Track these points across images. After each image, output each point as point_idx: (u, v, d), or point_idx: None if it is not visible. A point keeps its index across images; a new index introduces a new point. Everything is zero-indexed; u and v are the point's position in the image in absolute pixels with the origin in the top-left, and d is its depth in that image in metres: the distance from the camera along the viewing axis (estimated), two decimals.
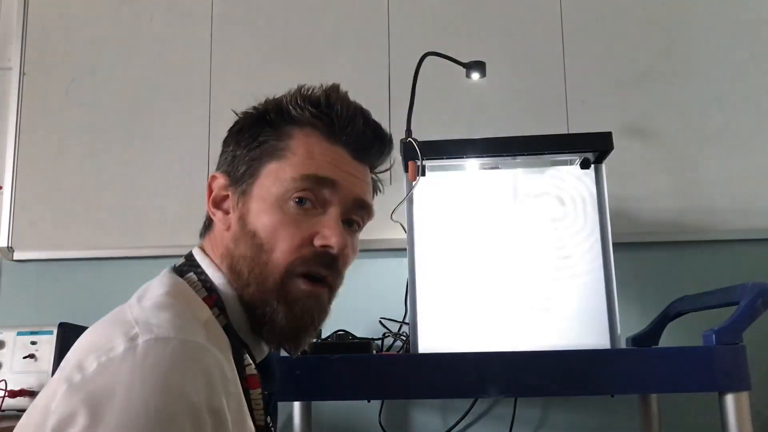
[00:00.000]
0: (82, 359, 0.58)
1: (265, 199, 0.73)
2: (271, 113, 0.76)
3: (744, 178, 1.62)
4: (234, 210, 0.75)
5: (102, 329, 0.64)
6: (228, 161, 0.77)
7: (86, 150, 1.76)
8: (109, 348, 0.58)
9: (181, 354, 0.58)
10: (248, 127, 0.77)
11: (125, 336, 0.59)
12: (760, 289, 1.03)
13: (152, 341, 0.58)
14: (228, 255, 0.74)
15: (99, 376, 0.56)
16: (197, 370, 0.58)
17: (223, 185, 0.77)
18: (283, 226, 0.71)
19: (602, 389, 1.06)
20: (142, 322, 0.61)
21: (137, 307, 0.65)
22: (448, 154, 1.19)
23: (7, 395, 1.27)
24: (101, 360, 0.57)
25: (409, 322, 1.14)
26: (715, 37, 1.69)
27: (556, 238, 1.15)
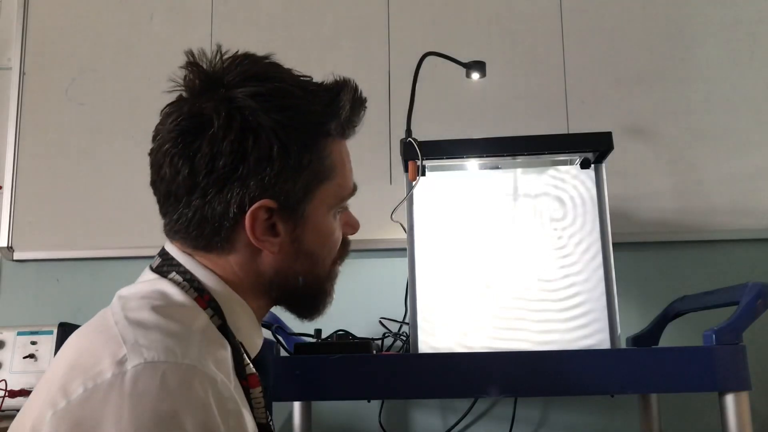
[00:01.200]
0: (67, 383, 0.56)
1: (321, 221, 0.75)
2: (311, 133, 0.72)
3: (744, 178, 1.62)
4: (286, 233, 0.72)
5: (88, 344, 0.61)
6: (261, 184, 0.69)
7: (86, 150, 1.76)
8: (96, 372, 0.56)
9: (172, 380, 0.56)
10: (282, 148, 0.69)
11: (113, 358, 0.57)
12: (760, 289, 1.03)
13: (141, 367, 0.56)
14: (281, 274, 0.74)
15: (85, 403, 0.55)
16: (190, 397, 0.56)
17: (268, 213, 0.70)
18: (333, 239, 0.78)
19: (602, 389, 1.06)
20: (130, 342, 0.58)
21: (123, 321, 0.62)
22: (448, 154, 1.19)
23: (7, 395, 1.27)
24: (87, 386, 0.55)
25: (409, 322, 1.14)
26: (715, 37, 1.69)
27: (556, 238, 1.15)
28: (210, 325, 0.67)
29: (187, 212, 0.70)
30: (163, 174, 0.70)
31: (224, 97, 0.69)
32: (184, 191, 0.69)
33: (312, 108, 0.72)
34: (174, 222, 0.71)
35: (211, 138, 0.67)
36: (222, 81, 0.71)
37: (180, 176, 0.68)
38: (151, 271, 0.73)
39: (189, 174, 0.68)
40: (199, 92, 0.71)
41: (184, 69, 0.73)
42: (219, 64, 0.72)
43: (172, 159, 0.69)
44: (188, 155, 0.68)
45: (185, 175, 0.68)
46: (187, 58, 0.73)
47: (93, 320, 0.68)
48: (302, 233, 0.73)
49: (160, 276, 0.71)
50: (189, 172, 0.68)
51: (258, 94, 0.69)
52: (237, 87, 0.70)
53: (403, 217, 1.18)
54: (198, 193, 0.68)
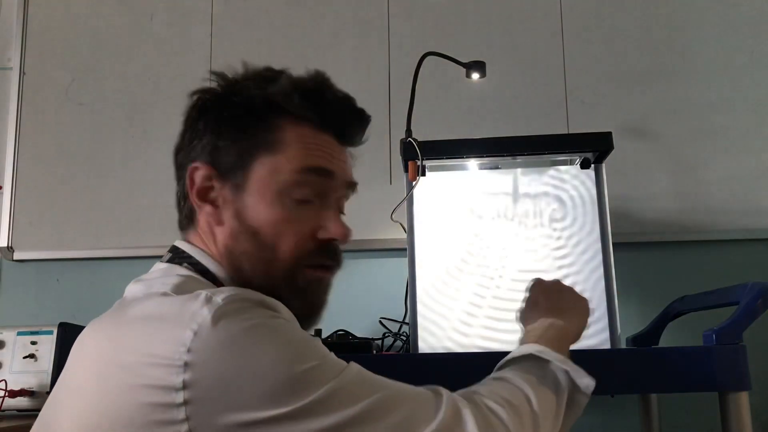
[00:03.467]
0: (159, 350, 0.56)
1: (263, 193, 0.71)
2: (258, 105, 0.73)
3: (744, 178, 1.62)
4: (226, 204, 0.72)
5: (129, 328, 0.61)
6: (208, 150, 0.73)
7: (86, 150, 1.76)
8: (188, 318, 0.57)
9: (262, 300, 0.61)
10: (230, 117, 0.73)
11: (197, 303, 0.58)
12: (760, 289, 1.03)
13: (229, 298, 0.58)
14: (227, 252, 0.72)
15: (208, 339, 0.55)
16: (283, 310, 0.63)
17: (206, 176, 0.73)
18: (285, 222, 0.71)
19: (602, 389, 1.05)
20: (191, 295, 0.60)
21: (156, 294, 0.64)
22: (448, 154, 1.19)
23: (7, 395, 1.27)
24: (193, 327, 0.56)
25: (409, 322, 1.14)
26: (715, 37, 1.69)
27: (556, 238, 1.15)
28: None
29: (177, 190, 0.79)
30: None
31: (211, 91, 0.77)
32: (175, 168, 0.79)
33: (269, 85, 0.74)
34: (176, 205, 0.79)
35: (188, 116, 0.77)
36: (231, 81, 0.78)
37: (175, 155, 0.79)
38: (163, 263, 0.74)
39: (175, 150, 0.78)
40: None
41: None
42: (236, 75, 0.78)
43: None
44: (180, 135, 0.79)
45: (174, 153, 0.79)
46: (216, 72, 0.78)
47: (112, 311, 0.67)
48: (243, 205, 0.71)
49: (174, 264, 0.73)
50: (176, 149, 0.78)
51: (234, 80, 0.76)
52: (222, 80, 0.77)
53: (403, 217, 1.18)
54: (176, 169, 0.78)
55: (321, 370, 0.58)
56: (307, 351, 0.59)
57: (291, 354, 0.57)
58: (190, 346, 0.55)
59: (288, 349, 0.58)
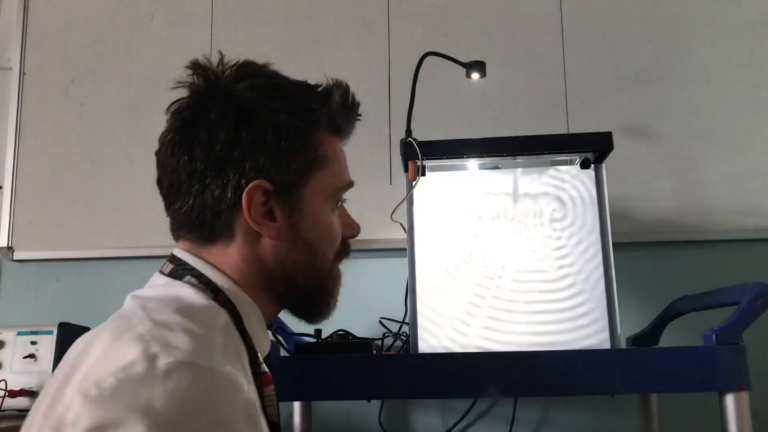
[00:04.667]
0: (99, 375, 0.57)
1: (316, 208, 0.76)
2: (305, 122, 0.75)
3: (744, 178, 1.62)
4: (284, 219, 0.73)
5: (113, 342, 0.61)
6: (256, 168, 0.71)
7: (86, 150, 1.76)
8: (128, 364, 0.56)
9: (202, 382, 0.57)
10: (281, 133, 0.72)
11: (144, 354, 0.57)
12: (760, 289, 1.03)
13: (173, 365, 0.56)
14: (278, 263, 0.74)
15: (117, 393, 0.55)
16: (218, 401, 0.57)
17: (264, 194, 0.72)
18: (332, 232, 0.79)
19: (602, 389, 1.06)
20: (159, 341, 0.59)
21: (147, 321, 0.62)
22: (448, 154, 1.19)
23: (7, 395, 1.27)
24: (119, 376, 0.56)
25: (409, 322, 1.14)
26: (715, 37, 1.69)
27: (556, 238, 1.15)
28: (230, 323, 0.69)
29: (188, 199, 0.72)
30: (166, 166, 0.73)
31: (223, 90, 0.74)
32: (186, 177, 0.71)
33: (303, 98, 0.76)
34: (177, 212, 0.73)
35: (209, 124, 0.71)
36: (222, 80, 0.76)
37: (180, 163, 0.71)
38: (164, 276, 0.73)
39: (188, 160, 0.71)
40: (201, 90, 0.76)
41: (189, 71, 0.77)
42: (221, 68, 0.77)
43: (173, 148, 0.72)
44: (188, 142, 0.72)
45: (185, 162, 0.71)
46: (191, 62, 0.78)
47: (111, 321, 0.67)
48: (299, 220, 0.74)
49: (175, 279, 0.72)
50: (188, 157, 0.71)
51: (254, 86, 0.74)
52: (236, 82, 0.74)
53: (403, 217, 1.18)
54: (197, 178, 0.71)
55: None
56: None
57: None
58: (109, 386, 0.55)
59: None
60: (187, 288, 0.70)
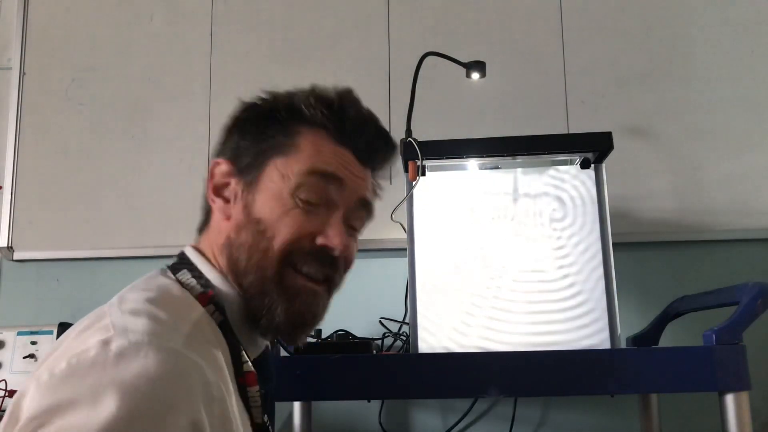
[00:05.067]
0: (53, 361, 0.57)
1: (272, 191, 0.73)
2: (281, 110, 0.76)
3: (744, 178, 1.62)
4: (237, 200, 0.75)
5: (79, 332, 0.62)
6: (231, 149, 0.77)
7: (86, 150, 1.76)
8: (81, 351, 0.56)
9: (154, 360, 0.56)
10: (255, 120, 0.77)
11: (99, 339, 0.57)
12: (760, 289, 1.03)
13: (125, 345, 0.56)
14: (227, 244, 0.73)
15: (67, 377, 0.55)
16: (172, 379, 0.56)
17: (225, 172, 0.76)
18: (287, 218, 0.72)
19: (602, 389, 1.06)
20: (119, 327, 0.59)
21: (117, 311, 0.63)
22: (448, 154, 1.19)
23: (7, 395, 1.27)
24: (71, 362, 0.56)
25: (409, 322, 1.14)
26: (715, 37, 1.69)
27: (556, 238, 1.15)
28: (206, 318, 0.68)
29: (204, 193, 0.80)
30: None
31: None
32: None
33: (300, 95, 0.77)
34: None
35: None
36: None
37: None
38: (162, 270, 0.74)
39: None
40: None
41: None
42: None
43: None
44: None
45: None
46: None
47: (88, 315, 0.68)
48: (252, 201, 0.74)
49: (165, 273, 0.73)
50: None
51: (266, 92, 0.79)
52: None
53: (403, 217, 1.18)
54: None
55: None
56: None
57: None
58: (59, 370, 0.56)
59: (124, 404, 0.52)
60: (169, 281, 0.71)
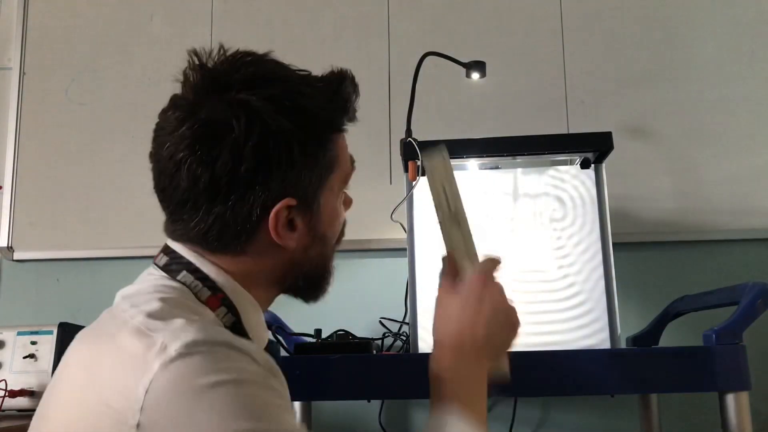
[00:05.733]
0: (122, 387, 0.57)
1: (331, 207, 0.77)
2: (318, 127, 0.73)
3: (744, 178, 1.62)
4: (305, 226, 0.73)
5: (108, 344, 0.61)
6: (291, 183, 0.70)
7: (86, 150, 1.76)
8: (143, 366, 0.56)
9: (219, 353, 0.58)
10: (299, 144, 0.69)
11: (151, 349, 0.57)
12: (760, 289, 1.03)
13: (185, 348, 0.57)
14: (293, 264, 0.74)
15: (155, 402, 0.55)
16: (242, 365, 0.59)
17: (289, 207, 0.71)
18: (340, 219, 0.81)
19: (602, 389, 1.06)
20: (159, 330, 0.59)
21: (137, 314, 0.62)
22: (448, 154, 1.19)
23: (7, 395, 1.27)
24: (144, 384, 0.56)
25: (409, 322, 1.14)
26: (715, 37, 1.69)
27: (556, 238, 1.15)
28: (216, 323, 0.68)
29: (207, 218, 0.68)
30: (177, 182, 0.68)
31: (238, 100, 0.68)
32: (205, 199, 0.67)
33: (322, 105, 0.73)
34: (189, 229, 0.70)
35: (233, 144, 0.66)
36: (229, 82, 0.70)
37: (201, 184, 0.67)
38: (158, 269, 0.72)
39: (210, 181, 0.66)
40: (206, 93, 0.70)
41: (188, 68, 0.72)
42: (223, 64, 0.72)
43: (189, 167, 0.67)
44: (208, 162, 0.66)
45: (206, 183, 0.66)
46: (190, 57, 0.72)
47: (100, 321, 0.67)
48: (317, 222, 0.75)
49: (168, 275, 0.70)
50: (210, 179, 0.66)
51: (272, 97, 0.69)
52: (248, 89, 0.69)
53: (403, 217, 1.18)
54: (220, 199, 0.67)
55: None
56: (263, 415, 0.57)
57: (243, 415, 0.56)
58: (143, 404, 0.55)
59: (242, 411, 0.56)
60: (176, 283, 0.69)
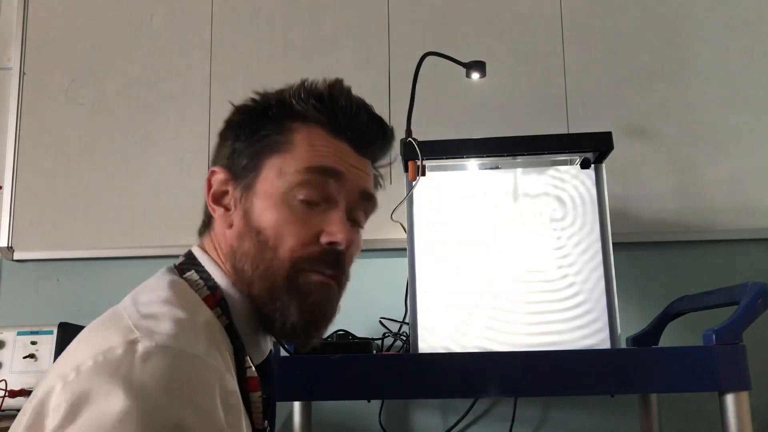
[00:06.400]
0: (79, 359, 0.57)
1: (269, 194, 0.71)
2: (273, 107, 0.74)
3: (744, 178, 1.62)
4: (236, 206, 0.73)
5: (98, 332, 0.62)
6: (227, 155, 0.75)
7: (86, 150, 1.76)
8: (107, 348, 0.56)
9: (181, 366, 0.56)
10: (248, 121, 0.75)
11: (124, 338, 0.57)
12: (760, 289, 1.03)
13: (152, 348, 0.56)
14: (231, 253, 0.72)
15: (94, 374, 0.55)
16: (197, 386, 0.57)
17: (223, 180, 0.74)
18: (289, 223, 0.70)
19: (602, 389, 1.06)
20: (142, 328, 0.59)
21: (134, 311, 0.63)
22: (448, 154, 1.19)
23: (7, 395, 1.27)
24: (98, 359, 0.56)
25: (409, 322, 1.14)
26: (715, 37, 1.69)
27: (556, 238, 1.15)
28: (213, 322, 0.67)
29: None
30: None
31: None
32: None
33: (290, 91, 0.75)
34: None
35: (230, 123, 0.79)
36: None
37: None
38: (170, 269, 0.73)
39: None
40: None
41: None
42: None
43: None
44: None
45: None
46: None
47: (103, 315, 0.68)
48: (251, 206, 0.72)
49: (174, 273, 0.72)
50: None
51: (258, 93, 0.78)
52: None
53: (403, 217, 1.18)
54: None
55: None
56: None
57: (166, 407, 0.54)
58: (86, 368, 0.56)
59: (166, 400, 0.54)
60: (181, 281, 0.70)
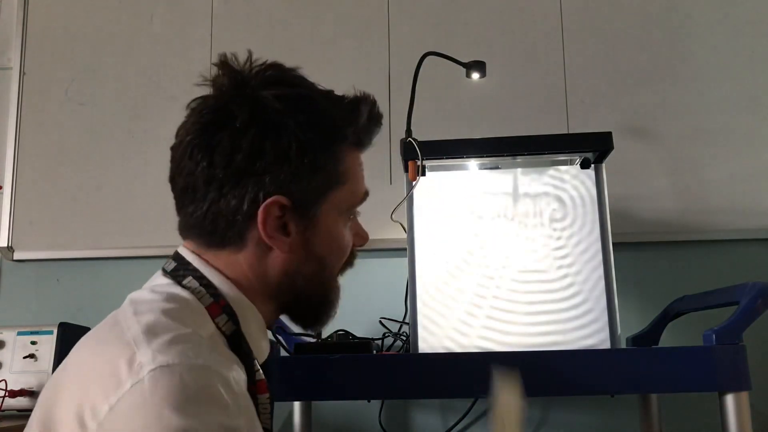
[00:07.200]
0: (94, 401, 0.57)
1: (332, 226, 0.76)
2: (329, 135, 0.74)
3: (744, 178, 1.62)
4: (298, 234, 0.73)
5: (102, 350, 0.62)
6: (281, 182, 0.70)
7: (86, 150, 1.76)
8: (116, 384, 0.57)
9: (189, 381, 0.57)
10: (303, 146, 0.70)
11: (128, 365, 0.58)
12: (760, 289, 1.03)
13: (157, 372, 0.56)
14: (287, 275, 0.74)
15: (115, 421, 0.55)
16: (210, 397, 0.57)
17: (280, 207, 0.71)
18: (343, 246, 0.79)
19: (602, 389, 1.06)
20: (142, 347, 0.59)
21: (135, 324, 0.62)
22: (448, 154, 1.19)
23: (7, 395, 1.27)
24: (111, 402, 0.56)
25: (409, 322, 1.14)
26: (715, 37, 1.69)
27: (556, 238, 1.15)
28: (217, 334, 0.68)
29: (202, 205, 0.71)
30: (182, 166, 0.72)
31: (250, 94, 0.71)
32: (202, 183, 0.70)
33: (332, 113, 0.74)
34: (189, 215, 0.73)
35: (233, 132, 0.69)
36: (249, 83, 0.73)
37: (199, 168, 0.70)
38: (165, 275, 0.72)
39: (207, 166, 0.69)
40: (227, 91, 0.73)
41: (216, 67, 0.75)
42: (248, 68, 0.74)
43: (192, 150, 0.70)
44: (209, 147, 0.70)
45: (204, 167, 0.69)
46: (219, 59, 0.75)
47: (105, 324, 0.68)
48: (313, 235, 0.74)
49: (174, 281, 0.71)
50: (208, 164, 0.69)
51: (283, 96, 0.71)
52: (263, 87, 0.72)
53: (403, 217, 1.18)
54: (215, 185, 0.70)
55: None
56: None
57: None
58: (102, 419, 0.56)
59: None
60: (183, 292, 0.70)
